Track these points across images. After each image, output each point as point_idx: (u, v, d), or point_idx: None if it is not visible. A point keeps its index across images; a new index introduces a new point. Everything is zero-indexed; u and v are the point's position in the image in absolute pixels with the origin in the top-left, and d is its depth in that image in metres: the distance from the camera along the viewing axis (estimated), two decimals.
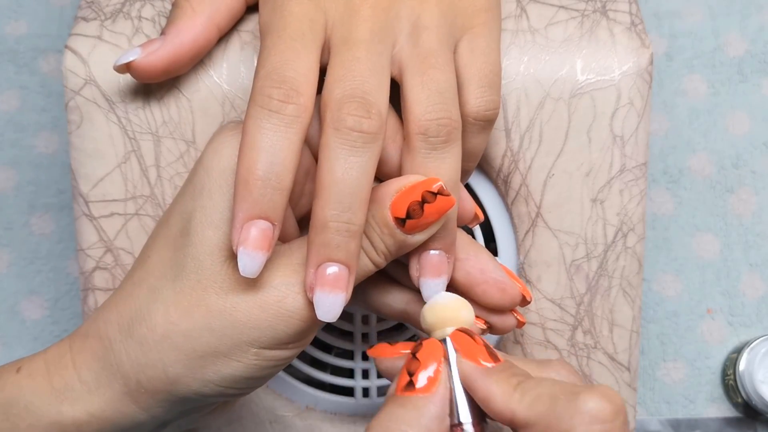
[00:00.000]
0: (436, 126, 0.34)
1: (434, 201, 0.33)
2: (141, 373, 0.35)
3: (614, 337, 0.43)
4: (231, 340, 0.34)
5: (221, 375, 0.34)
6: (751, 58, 0.55)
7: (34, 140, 0.55)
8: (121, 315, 0.35)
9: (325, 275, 0.33)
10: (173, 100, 0.41)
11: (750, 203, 0.55)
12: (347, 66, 0.34)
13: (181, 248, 0.35)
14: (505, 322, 0.38)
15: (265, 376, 0.35)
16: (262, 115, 0.33)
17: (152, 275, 0.35)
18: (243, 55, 0.41)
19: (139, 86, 0.41)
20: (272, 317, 0.34)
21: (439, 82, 0.35)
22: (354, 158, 0.33)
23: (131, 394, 0.35)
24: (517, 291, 0.37)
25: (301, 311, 0.34)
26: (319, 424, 0.44)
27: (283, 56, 0.34)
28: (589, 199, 0.42)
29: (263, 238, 0.32)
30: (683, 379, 0.54)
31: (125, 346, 0.35)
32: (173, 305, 0.34)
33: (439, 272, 0.36)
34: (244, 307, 0.34)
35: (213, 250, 0.34)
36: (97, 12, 0.42)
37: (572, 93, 0.41)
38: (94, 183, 0.41)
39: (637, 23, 0.42)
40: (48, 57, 0.55)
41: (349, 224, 0.33)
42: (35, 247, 0.54)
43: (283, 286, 0.34)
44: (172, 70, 0.39)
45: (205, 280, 0.34)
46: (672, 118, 0.55)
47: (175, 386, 0.34)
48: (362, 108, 0.33)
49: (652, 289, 0.54)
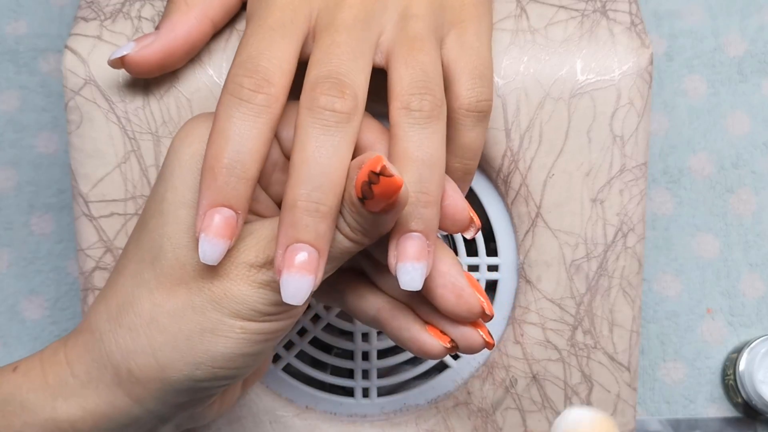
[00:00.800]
0: (418, 100, 0.34)
1: (378, 182, 0.31)
2: (131, 360, 0.34)
3: (614, 337, 0.43)
4: (214, 316, 0.34)
5: (211, 354, 0.34)
6: (751, 58, 0.55)
7: (34, 140, 0.55)
8: (108, 305, 0.35)
9: (293, 258, 0.32)
10: (173, 99, 0.41)
11: (750, 203, 0.55)
12: (325, 50, 0.34)
13: (155, 229, 0.35)
14: (468, 339, 0.36)
15: (258, 351, 0.35)
16: (232, 103, 0.33)
17: (132, 260, 0.35)
18: None
19: (139, 86, 0.41)
20: (246, 289, 0.33)
21: (424, 63, 0.35)
22: (325, 137, 0.32)
23: (123, 386, 0.35)
24: (475, 300, 0.35)
25: (274, 282, 0.33)
26: (319, 424, 0.44)
27: (259, 45, 0.34)
28: (589, 199, 0.42)
29: (225, 227, 0.32)
30: (683, 379, 0.54)
31: (115, 335, 0.35)
32: (156, 287, 0.34)
33: (419, 255, 0.34)
34: (219, 282, 0.34)
35: (188, 228, 0.34)
36: (96, 12, 0.42)
37: (572, 93, 0.41)
38: (94, 183, 0.41)
39: (637, 23, 0.42)
40: (48, 57, 0.55)
41: (318, 204, 0.32)
42: (35, 247, 0.54)
43: (255, 263, 0.34)
44: (166, 64, 0.39)
45: (182, 258, 0.34)
46: (672, 118, 0.55)
47: (166, 372, 0.34)
48: (335, 88, 0.33)
49: (652, 289, 0.54)
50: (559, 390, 0.43)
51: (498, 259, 0.43)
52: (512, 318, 0.43)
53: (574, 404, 0.33)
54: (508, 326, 0.43)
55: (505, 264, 0.43)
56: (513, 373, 0.43)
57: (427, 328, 0.36)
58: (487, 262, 0.43)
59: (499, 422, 0.44)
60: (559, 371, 0.43)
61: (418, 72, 0.34)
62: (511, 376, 0.43)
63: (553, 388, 0.43)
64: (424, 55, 0.35)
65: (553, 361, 0.43)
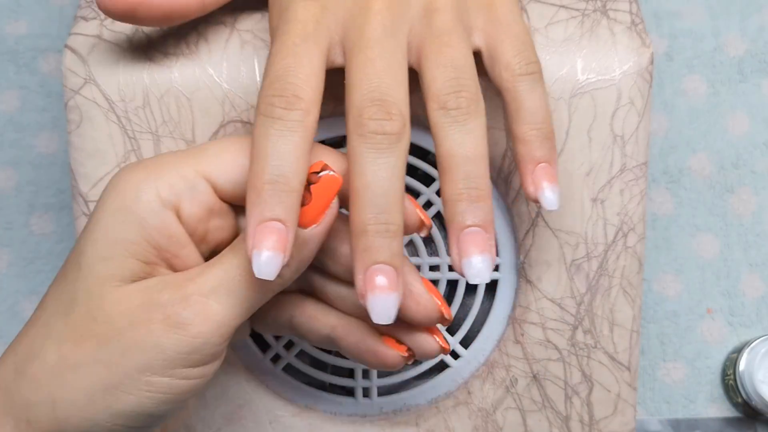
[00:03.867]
0: (455, 98, 0.34)
1: (318, 180, 0.33)
2: (30, 412, 0.34)
3: (614, 337, 0.43)
4: (120, 369, 0.33)
5: (111, 411, 0.33)
6: (751, 58, 0.55)
7: (34, 140, 0.55)
8: (17, 355, 0.35)
9: (374, 279, 0.33)
10: (173, 99, 0.41)
11: (750, 203, 0.55)
12: (362, 69, 0.34)
13: (72, 282, 0.34)
14: (423, 346, 0.37)
15: (161, 413, 0.34)
16: (267, 123, 0.33)
17: (46, 311, 0.35)
18: (243, 54, 0.41)
19: (139, 86, 0.41)
20: (158, 335, 0.33)
21: (455, 58, 0.35)
22: (381, 160, 0.33)
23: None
24: (433, 306, 0.35)
25: (188, 326, 0.33)
26: (319, 424, 0.44)
27: (284, 62, 0.34)
28: (590, 198, 0.42)
29: (277, 240, 0.32)
30: (683, 379, 0.54)
31: (17, 385, 0.34)
32: (65, 339, 0.34)
33: (482, 248, 0.34)
34: (131, 330, 0.33)
35: (103, 281, 0.34)
36: (96, 11, 0.42)
37: (573, 92, 0.41)
38: (94, 183, 0.41)
39: (638, 23, 0.42)
40: (48, 57, 0.55)
41: (387, 224, 0.33)
42: (35, 247, 0.54)
43: (168, 303, 0.33)
44: (138, 14, 0.37)
45: (94, 311, 0.33)
46: (672, 118, 0.55)
47: (63, 426, 0.34)
48: (382, 110, 0.33)
49: (652, 289, 0.54)
50: (560, 390, 0.43)
51: (498, 259, 0.43)
52: (512, 318, 0.43)
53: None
54: (508, 326, 0.43)
55: (505, 263, 0.43)
56: (513, 372, 0.43)
57: (383, 339, 0.37)
58: None
59: (499, 422, 0.44)
60: (560, 371, 0.43)
61: (449, 70, 0.34)
62: (512, 375, 0.43)
63: (554, 387, 0.43)
64: (453, 50, 0.35)
65: (554, 361, 0.43)
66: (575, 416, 0.44)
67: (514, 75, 0.36)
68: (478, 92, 0.35)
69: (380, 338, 0.37)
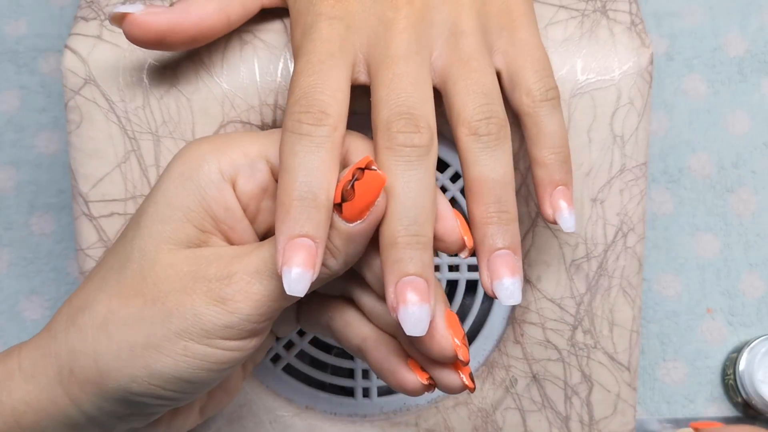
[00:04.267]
0: (486, 125, 0.35)
1: (362, 176, 0.33)
2: (74, 360, 0.35)
3: (614, 337, 0.43)
4: (160, 330, 0.34)
5: (149, 371, 0.34)
6: (751, 58, 0.55)
7: (34, 140, 0.55)
8: (70, 306, 0.36)
9: (405, 291, 0.33)
10: (173, 99, 0.41)
11: (750, 203, 0.55)
12: (389, 85, 0.35)
13: (130, 239, 0.35)
14: (445, 379, 0.36)
15: (198, 380, 0.34)
16: (293, 140, 0.33)
17: (103, 267, 0.36)
18: (243, 54, 0.41)
19: (139, 86, 0.41)
20: (199, 305, 0.34)
21: (484, 84, 0.36)
22: (411, 173, 0.34)
23: (63, 384, 0.35)
24: (449, 343, 0.35)
25: (229, 301, 0.34)
26: (319, 423, 0.44)
27: (310, 80, 0.34)
28: (589, 198, 0.42)
29: (307, 256, 0.32)
30: (683, 378, 0.54)
31: (66, 334, 0.35)
32: (115, 294, 0.35)
33: (512, 270, 0.35)
34: (175, 295, 0.34)
35: (158, 242, 0.34)
36: (96, 12, 0.42)
37: (572, 93, 0.41)
38: (94, 183, 0.41)
39: (637, 23, 0.42)
40: (48, 57, 0.55)
41: (418, 236, 0.33)
42: (35, 247, 0.54)
43: (214, 278, 0.34)
44: (166, 40, 0.38)
45: (145, 270, 0.34)
46: (672, 118, 0.55)
47: (104, 379, 0.34)
48: (410, 124, 0.34)
49: (652, 289, 0.54)
50: (559, 390, 0.43)
51: None
52: (512, 318, 0.43)
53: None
54: (508, 326, 0.43)
55: None
56: (513, 373, 0.43)
57: (409, 362, 0.36)
58: None
59: (499, 422, 0.44)
60: (559, 371, 0.43)
61: (480, 96, 0.35)
62: (511, 376, 0.43)
63: (553, 387, 0.43)
64: (482, 75, 0.36)
65: (553, 361, 0.43)
66: (575, 416, 0.44)
67: (535, 101, 0.37)
68: (505, 117, 0.36)
69: (405, 361, 0.36)
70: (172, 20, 0.37)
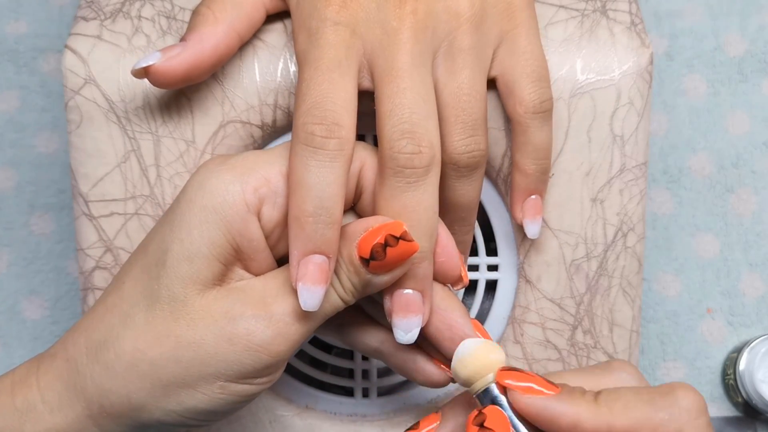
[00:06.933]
0: (467, 158, 0.36)
1: (396, 245, 0.34)
2: (104, 398, 0.35)
3: (614, 337, 0.43)
4: (197, 372, 0.34)
5: (184, 406, 0.34)
6: (751, 58, 0.55)
7: (34, 140, 0.55)
8: (90, 338, 0.35)
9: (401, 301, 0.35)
10: (173, 99, 0.41)
11: (750, 203, 0.55)
12: (393, 99, 0.35)
13: (156, 278, 0.35)
14: None
15: (228, 410, 0.35)
16: (307, 153, 0.33)
17: (126, 302, 0.35)
18: (243, 55, 0.41)
19: (139, 86, 0.41)
20: (240, 350, 0.34)
21: (472, 113, 0.36)
22: (410, 193, 0.34)
23: (93, 417, 0.35)
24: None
25: (269, 345, 0.34)
26: (319, 423, 0.44)
27: (321, 89, 0.34)
28: (589, 198, 0.42)
29: (320, 272, 0.33)
30: (683, 378, 0.54)
31: (90, 369, 0.35)
32: (143, 334, 0.34)
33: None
34: (213, 340, 0.34)
35: (187, 282, 0.34)
36: (96, 11, 0.42)
37: (572, 93, 0.41)
38: (94, 183, 0.41)
39: (637, 23, 0.42)
40: (48, 57, 0.55)
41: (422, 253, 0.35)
42: (35, 247, 0.54)
43: (252, 320, 0.34)
44: (192, 76, 0.38)
45: (177, 312, 0.34)
46: (672, 118, 0.55)
47: (138, 413, 0.35)
48: (412, 143, 0.34)
49: (652, 289, 0.54)
50: None
51: (498, 259, 0.43)
52: (512, 318, 0.43)
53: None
54: (508, 326, 0.43)
55: (505, 264, 0.43)
56: None
57: (433, 361, 0.38)
58: (487, 262, 0.43)
59: None
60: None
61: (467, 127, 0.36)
62: None
63: None
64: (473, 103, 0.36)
65: (553, 361, 0.43)
66: None
67: (528, 112, 0.38)
68: (486, 148, 0.37)
69: (430, 358, 0.38)
70: (190, 59, 0.38)
